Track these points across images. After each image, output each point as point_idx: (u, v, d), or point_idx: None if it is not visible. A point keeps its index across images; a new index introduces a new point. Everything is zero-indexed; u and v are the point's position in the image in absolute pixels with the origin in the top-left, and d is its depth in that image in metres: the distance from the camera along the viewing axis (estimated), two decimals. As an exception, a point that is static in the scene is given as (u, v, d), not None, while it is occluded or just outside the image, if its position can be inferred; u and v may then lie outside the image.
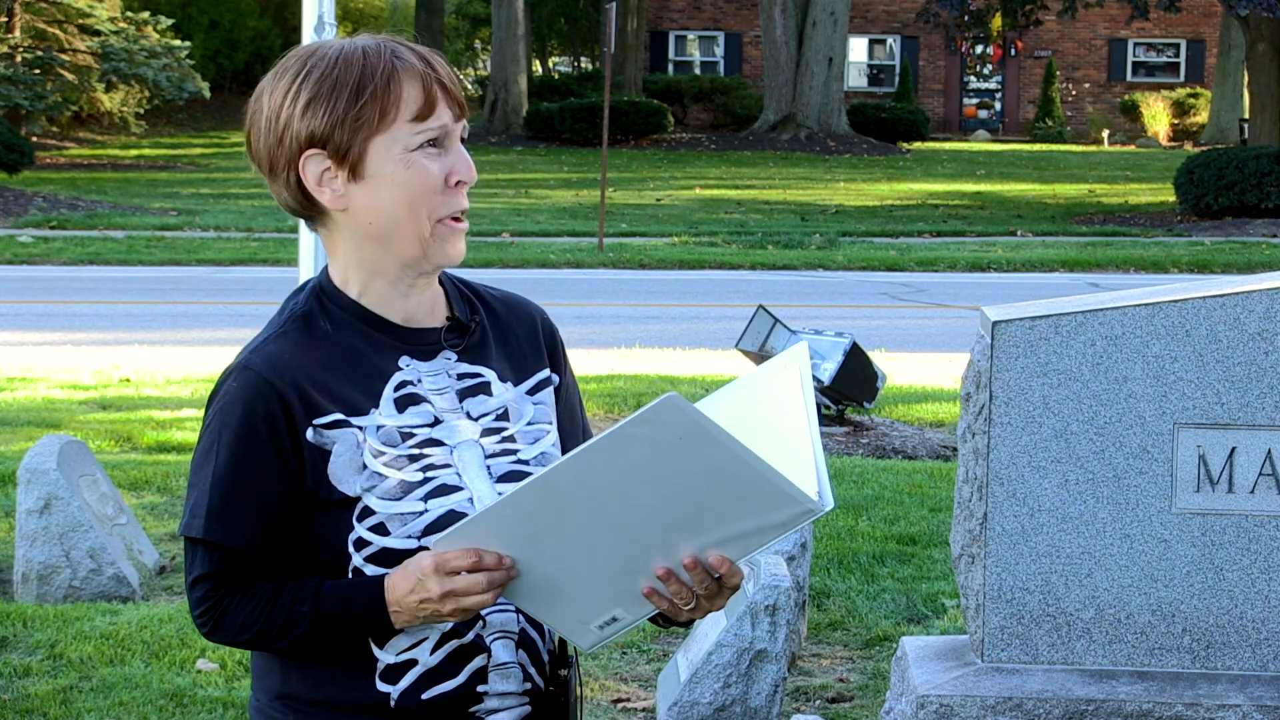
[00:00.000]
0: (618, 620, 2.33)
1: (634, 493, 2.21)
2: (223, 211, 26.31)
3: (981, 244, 23.86)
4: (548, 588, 2.30)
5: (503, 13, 41.25)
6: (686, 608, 2.30)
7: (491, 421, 2.46)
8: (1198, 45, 49.91)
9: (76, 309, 16.32)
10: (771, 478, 2.20)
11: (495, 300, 2.56)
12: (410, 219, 2.39)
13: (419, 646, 2.40)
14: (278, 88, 2.40)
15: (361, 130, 2.36)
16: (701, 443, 2.17)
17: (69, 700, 5.65)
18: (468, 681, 2.41)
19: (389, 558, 2.37)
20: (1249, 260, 21.65)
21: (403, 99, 2.36)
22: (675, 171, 35.31)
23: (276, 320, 2.46)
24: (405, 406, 2.41)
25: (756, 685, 5.34)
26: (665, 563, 2.27)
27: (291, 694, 2.44)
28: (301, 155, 2.38)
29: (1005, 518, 4.21)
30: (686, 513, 2.23)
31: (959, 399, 4.38)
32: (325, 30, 7.90)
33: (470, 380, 2.47)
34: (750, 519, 2.24)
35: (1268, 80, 31.23)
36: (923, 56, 50.24)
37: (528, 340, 2.55)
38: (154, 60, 32.54)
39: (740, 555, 2.28)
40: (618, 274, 20.22)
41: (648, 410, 2.15)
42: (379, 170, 2.38)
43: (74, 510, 6.87)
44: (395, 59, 2.38)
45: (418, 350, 2.45)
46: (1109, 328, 4.17)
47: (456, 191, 2.40)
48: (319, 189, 2.40)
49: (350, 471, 2.37)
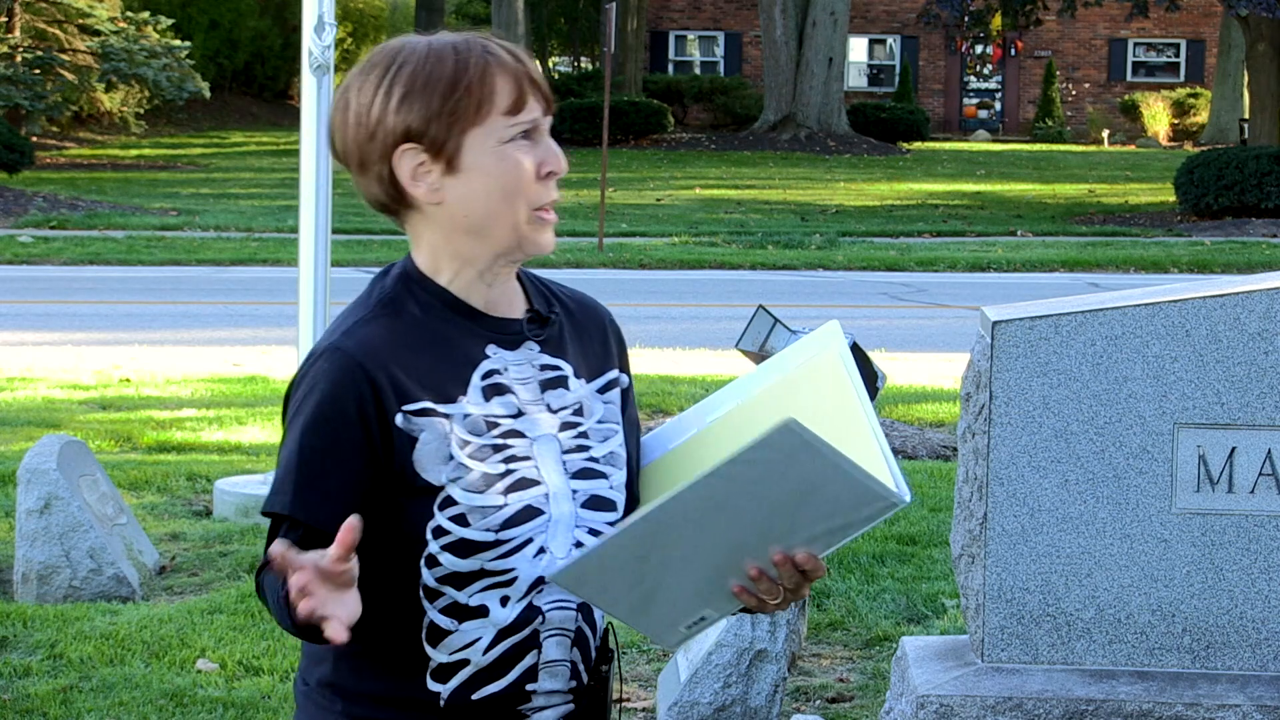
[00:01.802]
0: (705, 619, 2.37)
1: (739, 509, 2.25)
2: (223, 211, 26.31)
3: (981, 244, 23.87)
4: (645, 600, 2.33)
5: (503, 13, 41.27)
6: (774, 601, 2.34)
7: (569, 415, 2.48)
8: (1198, 45, 49.91)
9: (76, 309, 16.32)
10: (867, 481, 2.25)
11: (569, 299, 2.59)
12: (506, 209, 2.41)
13: (472, 646, 2.41)
14: (366, 84, 2.42)
15: (457, 124, 2.39)
16: (812, 459, 2.21)
17: (69, 700, 5.65)
18: (517, 680, 2.42)
19: (465, 548, 2.38)
20: (1249, 260, 21.65)
21: (496, 93, 2.40)
22: (675, 171, 35.31)
23: (363, 303, 2.47)
24: (492, 395, 2.43)
25: (756, 685, 5.35)
26: (757, 563, 2.31)
27: (339, 683, 2.45)
28: (396, 150, 2.41)
29: (1005, 518, 4.21)
30: (783, 519, 2.27)
31: (959, 399, 4.38)
32: (325, 30, 7.89)
33: (552, 372, 2.49)
34: (838, 518, 2.28)
35: (1268, 80, 31.24)
36: (923, 56, 50.24)
37: (599, 340, 2.58)
38: (154, 60, 32.52)
39: (825, 550, 2.32)
40: (618, 274, 20.22)
41: (766, 436, 2.18)
42: (474, 163, 2.40)
43: (74, 510, 6.87)
44: (487, 54, 2.42)
45: (503, 339, 2.47)
46: (1109, 328, 4.17)
47: (548, 182, 2.43)
48: (413, 183, 2.42)
49: (436, 461, 2.38)
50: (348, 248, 20.94)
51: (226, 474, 8.76)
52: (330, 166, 8.03)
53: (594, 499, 2.45)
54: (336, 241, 14.05)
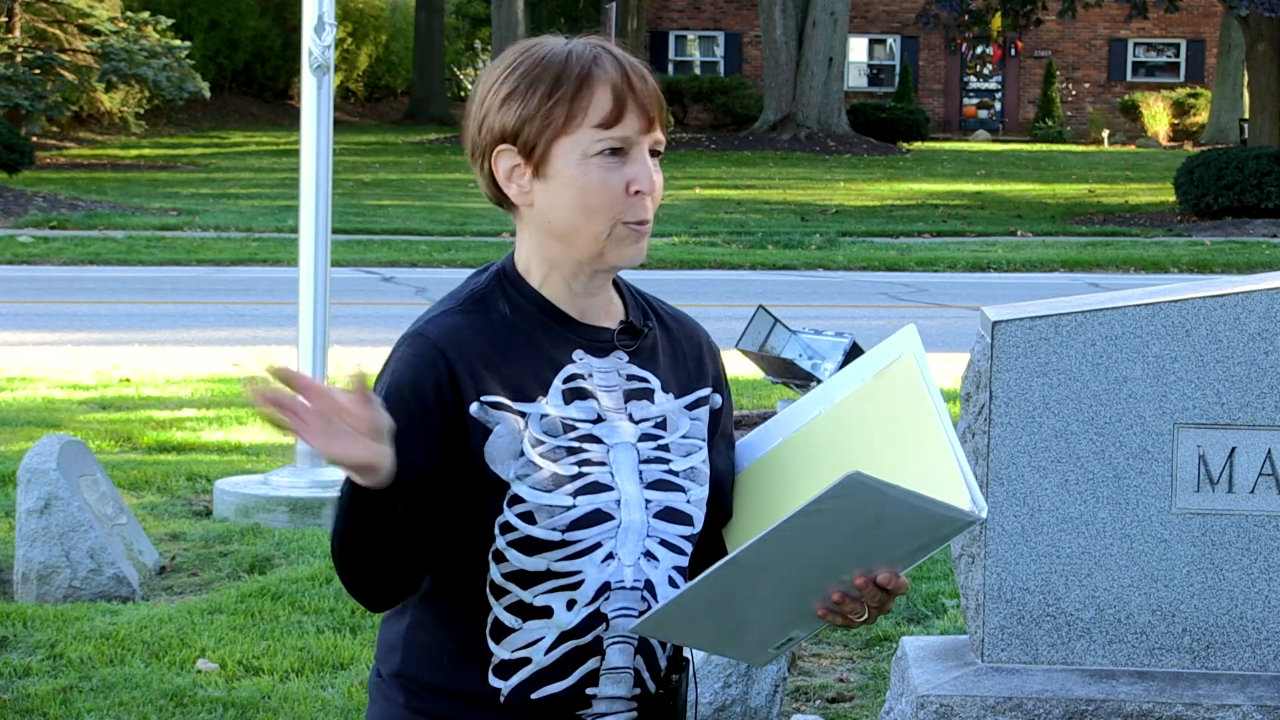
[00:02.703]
0: (793, 639, 2.42)
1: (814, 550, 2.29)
2: (223, 211, 26.30)
3: (981, 244, 23.86)
4: (729, 632, 2.37)
5: (503, 13, 41.26)
6: (859, 620, 2.38)
7: (650, 428, 2.49)
8: (1198, 45, 49.91)
9: (76, 309, 16.32)
10: (938, 509, 2.28)
11: (667, 315, 2.60)
12: (586, 222, 2.43)
13: (534, 645, 2.42)
14: (489, 77, 2.47)
15: (548, 130, 2.41)
16: (880, 500, 2.24)
17: (69, 700, 5.65)
18: (578, 684, 2.43)
19: (532, 545, 2.40)
20: (1249, 260, 21.65)
21: (591, 104, 2.41)
22: (675, 171, 35.30)
23: (455, 296, 2.50)
24: (572, 399, 2.45)
25: (756, 685, 5.35)
26: (840, 588, 2.34)
27: (408, 674, 2.47)
28: (495, 148, 2.44)
29: (1005, 518, 4.21)
30: (861, 551, 2.31)
31: (959, 399, 4.38)
32: (325, 30, 7.89)
33: (638, 384, 2.50)
34: (916, 540, 2.32)
35: (1268, 80, 31.23)
36: (923, 56, 50.24)
37: (693, 358, 2.58)
38: (154, 60, 32.52)
39: (906, 567, 2.35)
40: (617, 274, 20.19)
41: (832, 490, 2.21)
42: (559, 172, 2.42)
43: (74, 510, 6.87)
44: (594, 64, 2.43)
45: (592, 346, 2.49)
46: (1109, 328, 4.17)
47: (637, 200, 2.43)
48: (507, 183, 2.45)
49: (507, 456, 2.40)
50: (348, 248, 20.94)
51: (226, 474, 8.76)
52: (330, 166, 8.03)
53: (668, 510, 2.46)
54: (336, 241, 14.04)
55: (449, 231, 24.42)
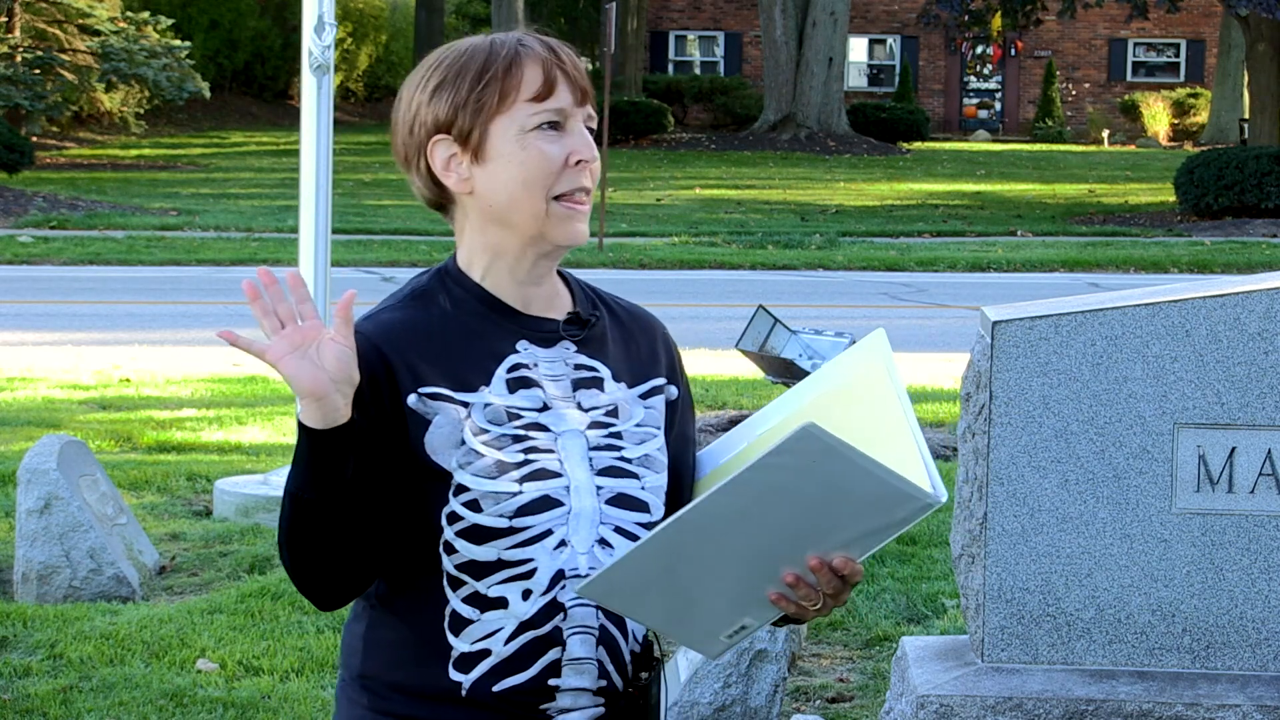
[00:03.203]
0: (745, 627, 2.37)
1: (767, 515, 2.25)
2: (223, 211, 26.30)
3: (981, 244, 23.87)
4: (681, 610, 2.33)
5: (503, 13, 41.26)
6: (814, 607, 2.34)
7: (600, 415, 2.48)
8: (1198, 45, 49.91)
9: (76, 309, 16.32)
10: (896, 482, 2.24)
11: (619, 307, 2.60)
12: (527, 198, 2.43)
13: (493, 637, 2.41)
14: (412, 82, 2.49)
15: (483, 112, 2.42)
16: (835, 463, 2.21)
17: (69, 700, 5.65)
18: (540, 675, 2.41)
19: (480, 534, 2.39)
20: (1249, 260, 21.66)
21: (523, 81, 2.43)
22: (675, 171, 35.31)
23: (396, 294, 2.51)
24: (516, 388, 2.44)
25: (756, 685, 5.35)
26: (793, 569, 2.30)
27: (369, 674, 2.47)
28: (429, 141, 2.45)
29: (1005, 518, 4.21)
30: (815, 523, 2.27)
31: (959, 399, 4.38)
32: (325, 30, 7.89)
33: (586, 372, 2.50)
34: (873, 520, 2.28)
35: (1268, 80, 31.24)
36: (923, 56, 50.24)
37: (647, 348, 2.58)
38: (154, 60, 32.52)
39: (863, 554, 2.31)
40: (618, 274, 20.21)
41: (786, 441, 2.18)
42: (499, 151, 2.43)
43: (74, 510, 6.87)
44: (520, 45, 2.45)
45: (537, 336, 2.48)
46: (1109, 328, 4.17)
47: (578, 170, 2.44)
48: (445, 173, 2.47)
49: (448, 445, 2.40)
50: (348, 248, 20.95)
51: (226, 474, 8.76)
52: (330, 166, 8.03)
53: (621, 497, 2.45)
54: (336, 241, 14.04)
55: (449, 231, 24.23)
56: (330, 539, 2.33)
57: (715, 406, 11.14)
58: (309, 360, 2.26)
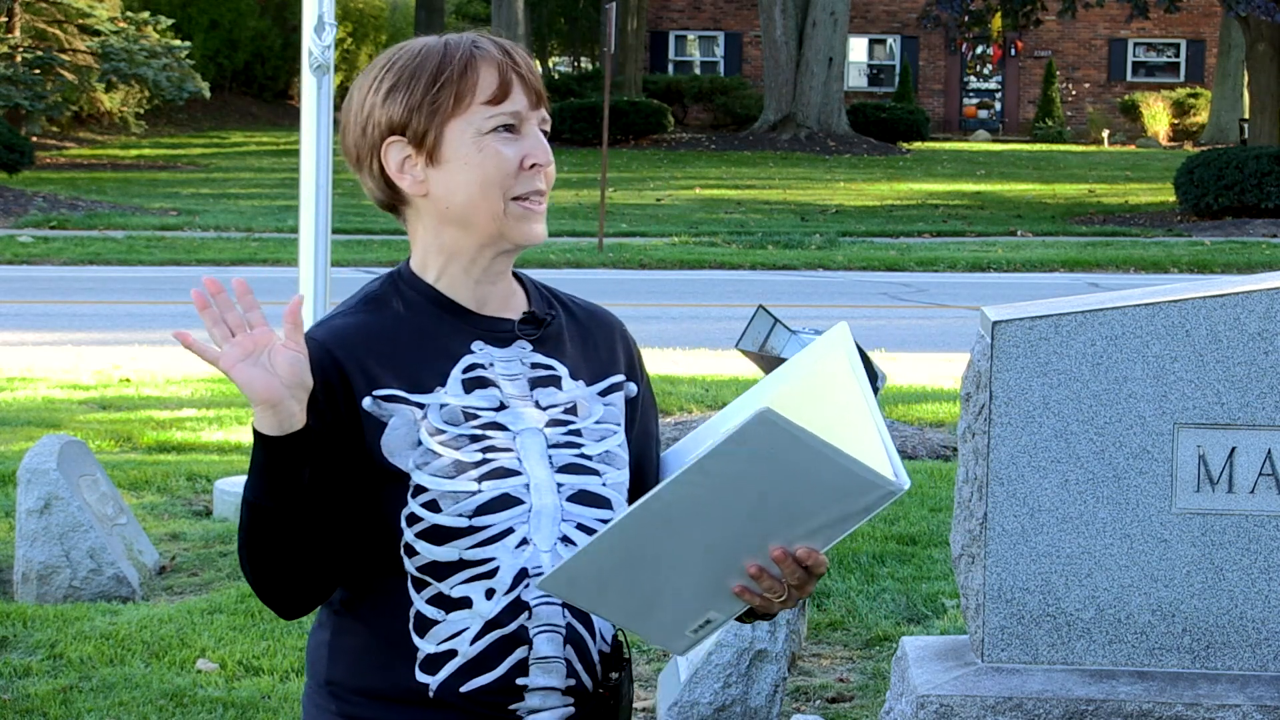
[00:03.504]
0: (711, 622, 2.35)
1: (728, 504, 2.23)
2: (223, 211, 26.30)
3: (981, 244, 23.87)
4: (644, 604, 2.31)
5: (503, 13, 41.27)
6: (778, 600, 2.33)
7: (559, 414, 2.47)
8: (1198, 45, 49.91)
9: (76, 309, 16.32)
10: (857, 469, 2.22)
11: (576, 306, 2.60)
12: (484, 200, 2.43)
13: (459, 636, 2.40)
14: (364, 82, 2.48)
15: (438, 114, 2.42)
16: (794, 450, 2.19)
17: (69, 700, 5.65)
18: (507, 674, 2.40)
19: (440, 534, 2.38)
20: (1249, 260, 21.66)
21: (478, 84, 2.42)
22: (675, 171, 35.31)
23: (348, 300, 2.51)
24: (472, 388, 2.44)
25: (756, 685, 5.35)
26: (756, 560, 2.29)
27: (336, 680, 2.46)
28: (383, 143, 2.45)
29: (1005, 518, 4.21)
30: (776, 513, 2.26)
31: (959, 399, 4.38)
32: (325, 30, 7.89)
33: (543, 371, 2.49)
34: (835, 509, 2.27)
35: (1268, 80, 31.24)
36: (923, 56, 50.24)
37: (605, 346, 2.58)
38: (154, 60, 32.51)
39: (826, 544, 2.30)
40: (618, 274, 20.21)
41: (743, 428, 2.17)
42: (454, 154, 2.43)
43: (74, 510, 6.87)
44: (474, 47, 2.45)
45: (492, 336, 2.48)
46: (1109, 328, 4.17)
47: (532, 174, 2.44)
48: (400, 175, 2.45)
49: (404, 446, 2.39)
50: (348, 248, 20.95)
51: (226, 474, 8.76)
52: (330, 166, 8.03)
53: (582, 494, 2.44)
54: (336, 241, 14.03)
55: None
56: (290, 546, 2.33)
57: (715, 406, 11.14)
58: (261, 367, 2.27)
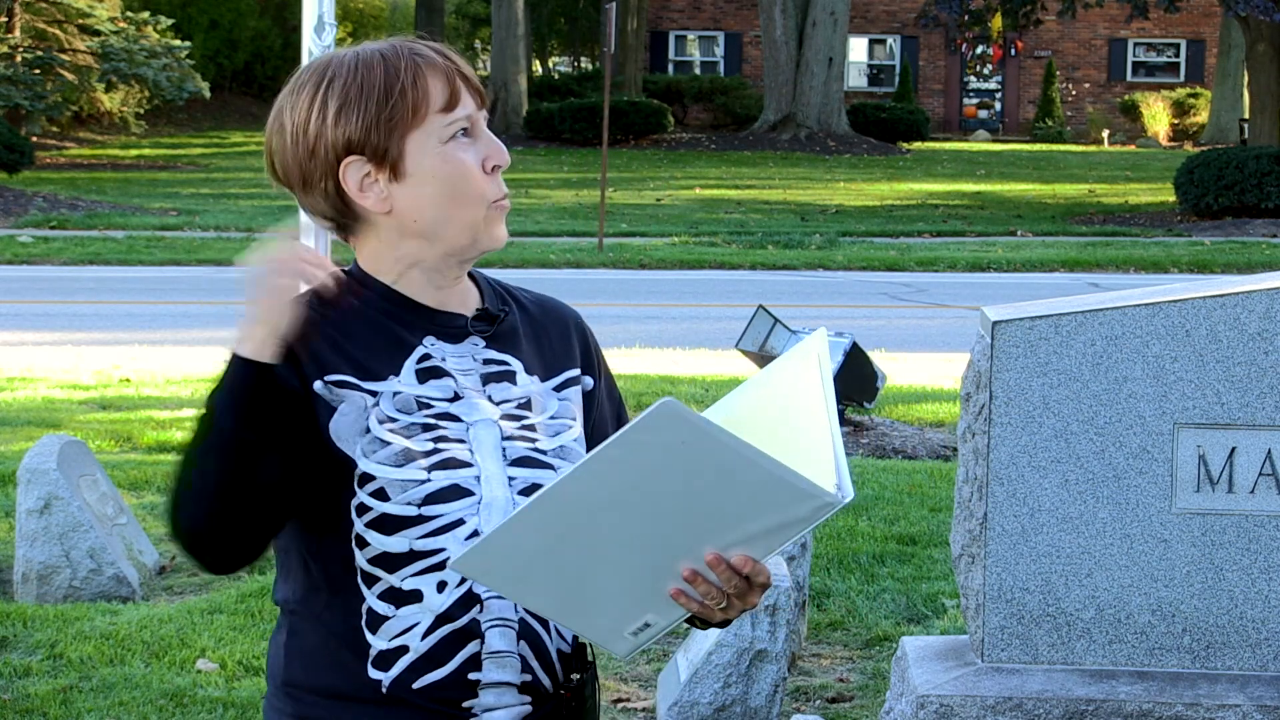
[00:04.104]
0: (650, 626, 2.31)
1: (647, 498, 2.20)
2: (223, 211, 26.31)
3: (981, 244, 23.87)
4: (574, 599, 2.28)
5: (503, 13, 41.26)
6: (719, 608, 2.29)
7: (513, 409, 2.46)
8: (1198, 45, 49.91)
9: (76, 309, 16.32)
10: (784, 475, 2.18)
11: (529, 300, 2.58)
12: (458, 209, 2.41)
13: (410, 632, 2.38)
14: (299, 103, 2.42)
15: (396, 129, 2.39)
16: (705, 446, 2.16)
17: (69, 700, 5.65)
18: (459, 669, 2.38)
19: (389, 523, 2.36)
20: (1249, 260, 21.66)
21: (430, 93, 2.39)
22: (675, 171, 35.31)
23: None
24: (427, 378, 2.42)
25: (756, 685, 5.35)
26: (690, 564, 2.25)
27: (292, 681, 2.45)
28: (340, 164, 2.40)
29: (1005, 518, 4.21)
30: (704, 514, 2.22)
31: (959, 399, 4.38)
32: (325, 30, 7.89)
33: (496, 367, 2.48)
34: (770, 516, 2.22)
35: (1268, 80, 31.24)
36: (923, 56, 50.24)
37: (559, 340, 2.56)
38: (154, 60, 32.52)
39: (765, 553, 2.26)
40: (618, 274, 20.21)
41: (644, 418, 2.13)
42: (418, 167, 2.40)
43: (74, 510, 6.87)
44: (416, 56, 2.41)
45: (444, 332, 2.46)
46: (1109, 328, 4.17)
47: (494, 177, 2.43)
48: (361, 194, 2.42)
49: (353, 433, 2.38)
50: (347, 248, 20.91)
51: (226, 474, 8.75)
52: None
53: (535, 488, 2.41)
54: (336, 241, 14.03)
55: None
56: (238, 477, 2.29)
57: (715, 406, 11.13)
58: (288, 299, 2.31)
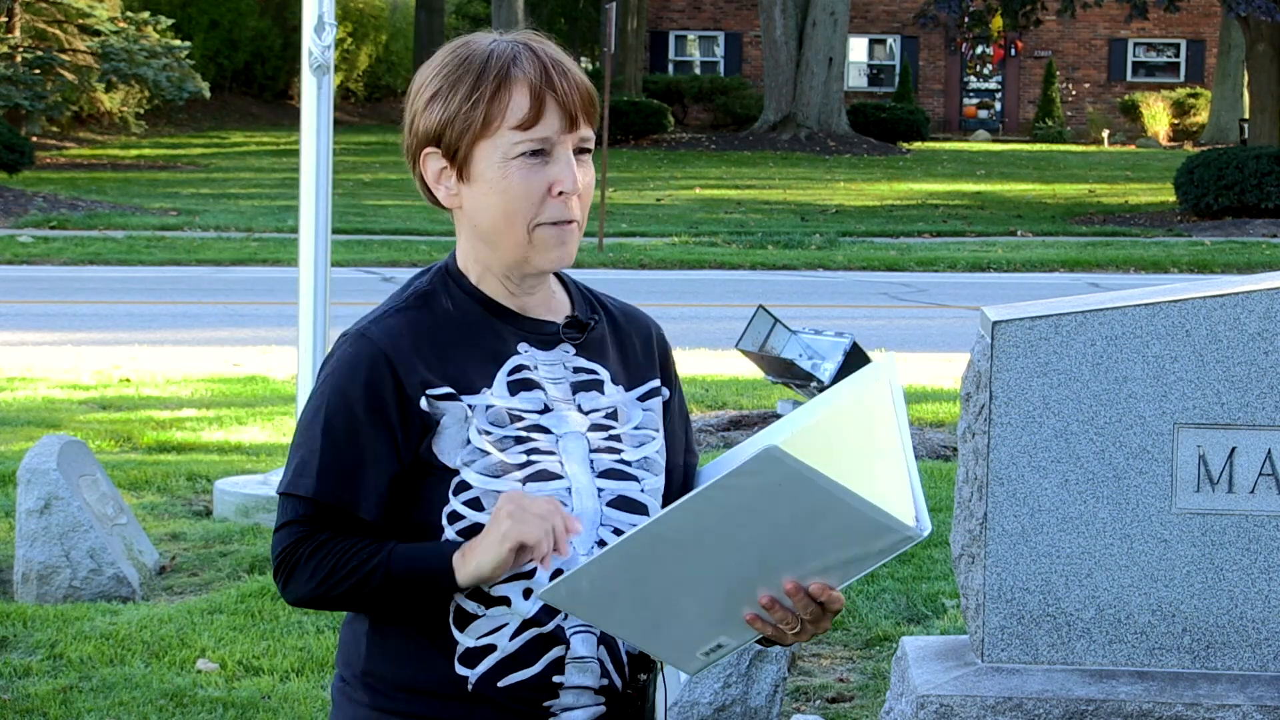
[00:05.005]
0: (723, 646, 2.36)
1: (737, 534, 2.24)
2: (223, 211, 26.30)
3: (981, 244, 23.87)
4: (653, 623, 2.32)
5: (503, 13, 41.26)
6: (792, 632, 2.32)
7: (601, 418, 2.48)
8: (1198, 45, 49.90)
9: (76, 309, 16.32)
10: (871, 513, 2.23)
11: (615, 309, 2.59)
12: (507, 226, 2.42)
13: (499, 632, 2.41)
14: (420, 77, 2.47)
15: (468, 133, 2.40)
16: (802, 487, 2.20)
17: (69, 700, 5.65)
18: (544, 671, 2.42)
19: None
20: (1249, 260, 21.66)
21: (509, 107, 2.39)
22: (675, 171, 35.31)
23: (399, 295, 2.50)
24: (518, 390, 2.44)
25: (756, 685, 5.35)
26: (768, 591, 2.29)
27: (374, 672, 2.47)
28: (423, 151, 2.45)
29: (1005, 518, 4.21)
30: (788, 547, 2.26)
31: (959, 399, 4.38)
32: (325, 30, 7.88)
33: (585, 375, 2.50)
34: (850, 549, 2.27)
35: (1268, 80, 31.23)
36: (923, 56, 50.23)
37: (643, 350, 2.58)
38: (154, 60, 32.51)
39: (842, 582, 2.30)
40: (618, 274, 20.21)
41: (750, 463, 2.17)
42: (482, 175, 2.42)
43: (74, 510, 6.87)
44: (513, 64, 2.40)
45: (536, 339, 2.48)
46: (1109, 328, 4.17)
47: (559, 201, 2.41)
48: (436, 185, 2.46)
49: (454, 445, 2.40)
50: (348, 248, 20.94)
51: (226, 474, 8.76)
52: (330, 166, 8.03)
53: (621, 499, 2.45)
54: (336, 241, 14.03)
55: (449, 231, 24.32)
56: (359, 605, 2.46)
57: (715, 406, 11.14)
58: None
